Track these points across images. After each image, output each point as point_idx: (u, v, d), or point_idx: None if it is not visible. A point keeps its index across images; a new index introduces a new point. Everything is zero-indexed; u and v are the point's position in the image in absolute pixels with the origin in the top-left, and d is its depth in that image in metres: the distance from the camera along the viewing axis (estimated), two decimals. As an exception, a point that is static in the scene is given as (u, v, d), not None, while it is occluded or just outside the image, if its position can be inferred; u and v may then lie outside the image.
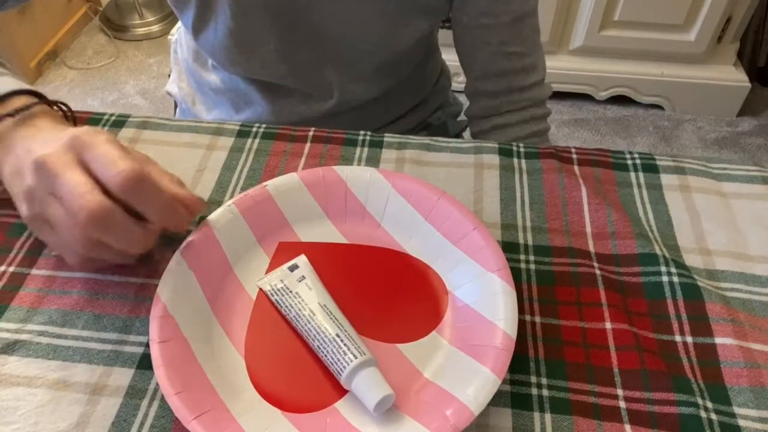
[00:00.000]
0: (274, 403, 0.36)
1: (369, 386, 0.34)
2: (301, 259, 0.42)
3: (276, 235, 0.44)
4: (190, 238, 0.41)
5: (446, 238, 0.41)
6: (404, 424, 0.34)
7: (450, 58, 0.77)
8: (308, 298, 0.38)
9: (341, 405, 0.35)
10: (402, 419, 0.34)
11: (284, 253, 0.43)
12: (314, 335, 0.37)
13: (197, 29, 0.60)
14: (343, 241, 0.44)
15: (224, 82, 0.68)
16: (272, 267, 0.42)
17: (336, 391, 0.36)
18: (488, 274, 0.38)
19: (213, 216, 0.42)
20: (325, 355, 0.36)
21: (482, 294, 0.38)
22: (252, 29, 0.58)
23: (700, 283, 0.41)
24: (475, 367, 0.35)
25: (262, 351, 0.38)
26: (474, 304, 0.38)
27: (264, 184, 0.44)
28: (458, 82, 0.91)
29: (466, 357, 0.36)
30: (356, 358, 0.35)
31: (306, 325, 0.37)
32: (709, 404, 0.36)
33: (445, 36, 0.69)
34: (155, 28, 2.05)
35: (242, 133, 0.52)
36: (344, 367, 0.34)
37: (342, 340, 0.36)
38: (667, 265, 0.42)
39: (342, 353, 0.35)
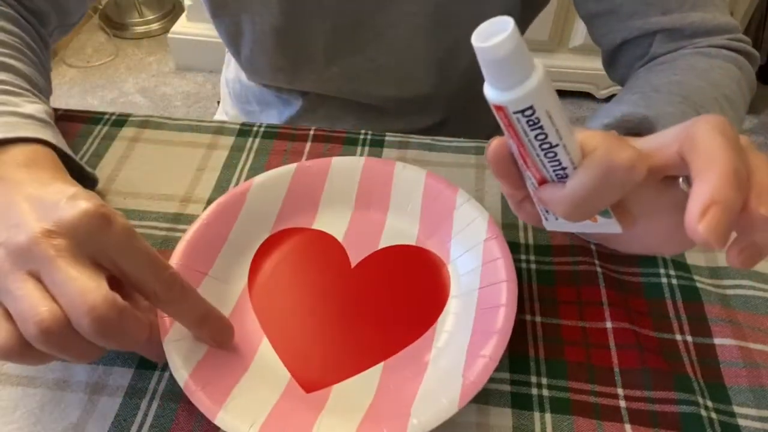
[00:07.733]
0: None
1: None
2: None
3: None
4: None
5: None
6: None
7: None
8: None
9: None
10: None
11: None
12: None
13: (237, 31, 0.58)
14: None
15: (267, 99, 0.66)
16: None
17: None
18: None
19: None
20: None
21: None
22: (302, 26, 0.55)
23: (699, 285, 0.41)
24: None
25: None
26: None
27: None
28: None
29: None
30: None
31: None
32: (710, 403, 0.36)
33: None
34: (155, 26, 2.05)
35: (243, 133, 0.52)
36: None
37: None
38: (665, 267, 0.42)
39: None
